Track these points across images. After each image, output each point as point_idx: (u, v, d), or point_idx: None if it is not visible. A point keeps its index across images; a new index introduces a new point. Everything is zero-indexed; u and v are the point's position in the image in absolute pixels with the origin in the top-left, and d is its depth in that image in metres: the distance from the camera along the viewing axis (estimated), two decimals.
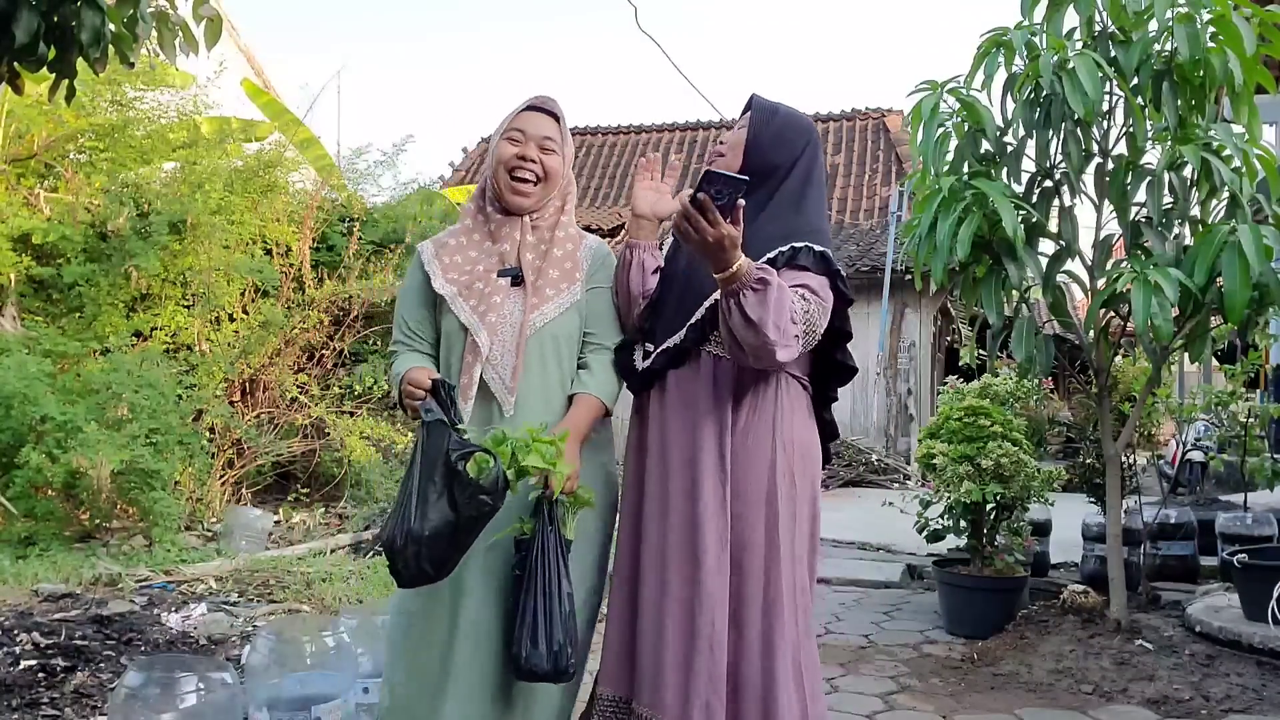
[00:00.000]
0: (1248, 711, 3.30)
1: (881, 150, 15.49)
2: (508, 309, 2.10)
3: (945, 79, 3.98)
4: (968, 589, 4.46)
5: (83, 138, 7.12)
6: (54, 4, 2.84)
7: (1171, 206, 3.88)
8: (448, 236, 2.23)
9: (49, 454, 5.12)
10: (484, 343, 2.06)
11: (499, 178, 2.15)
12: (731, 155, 2.22)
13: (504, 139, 2.16)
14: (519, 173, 2.14)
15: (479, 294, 2.11)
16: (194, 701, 2.38)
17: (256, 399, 6.90)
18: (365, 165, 8.81)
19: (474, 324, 2.08)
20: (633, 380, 2.21)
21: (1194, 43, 3.59)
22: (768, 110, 2.27)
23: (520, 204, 2.15)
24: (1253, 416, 5.39)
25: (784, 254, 2.07)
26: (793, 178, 2.24)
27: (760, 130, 2.23)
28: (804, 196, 2.22)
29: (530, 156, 2.13)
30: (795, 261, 2.09)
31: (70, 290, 6.52)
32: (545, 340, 2.11)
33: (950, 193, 3.75)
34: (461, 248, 2.18)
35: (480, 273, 2.13)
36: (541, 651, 1.88)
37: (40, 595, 4.32)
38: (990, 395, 4.85)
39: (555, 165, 2.17)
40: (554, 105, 2.20)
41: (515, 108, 2.19)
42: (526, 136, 2.15)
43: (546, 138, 2.16)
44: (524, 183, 2.14)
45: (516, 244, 2.15)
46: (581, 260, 2.19)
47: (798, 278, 2.07)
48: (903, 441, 12.12)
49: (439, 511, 1.81)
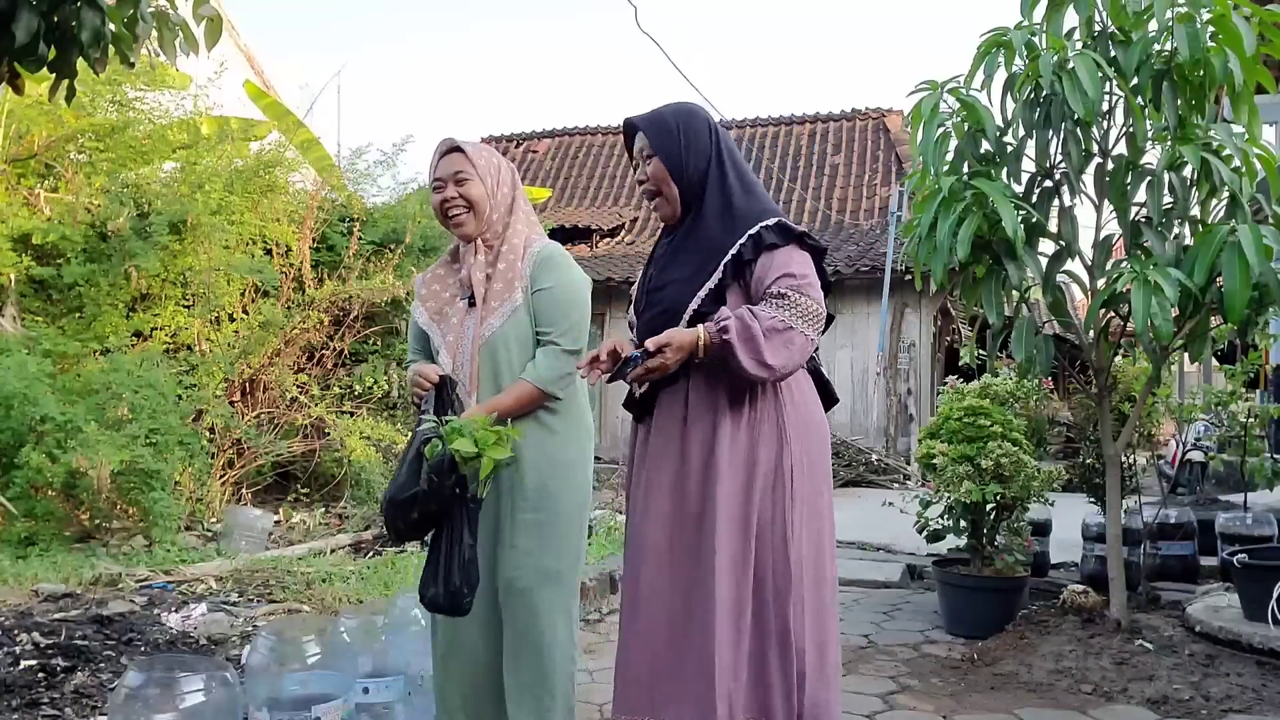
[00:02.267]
0: (1248, 711, 3.30)
1: (881, 150, 15.49)
2: (464, 327, 2.43)
3: (945, 79, 3.97)
4: (968, 589, 4.46)
5: (83, 138, 7.12)
6: (54, 4, 2.83)
7: (1171, 206, 3.88)
8: (430, 271, 2.60)
9: (49, 454, 5.12)
10: (445, 360, 2.42)
11: (441, 221, 2.48)
12: (666, 190, 2.26)
13: (433, 190, 2.47)
14: (450, 213, 2.44)
15: (445, 318, 2.48)
16: (194, 701, 2.37)
17: (256, 399, 6.90)
18: (365, 165, 8.81)
19: (439, 345, 2.46)
20: (635, 406, 2.34)
21: (1194, 43, 3.59)
22: (660, 127, 2.26)
23: (464, 233, 2.45)
24: (1253, 416, 5.38)
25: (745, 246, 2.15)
26: (720, 168, 2.26)
27: (669, 149, 2.24)
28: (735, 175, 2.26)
29: (449, 196, 2.42)
30: (763, 245, 2.15)
31: (70, 290, 6.52)
32: (496, 347, 2.39)
33: (950, 193, 3.75)
34: (439, 277, 2.56)
35: (447, 299, 2.51)
36: (440, 589, 2.21)
37: (40, 595, 4.32)
38: (990, 395, 4.85)
39: (475, 192, 2.42)
40: (454, 142, 2.45)
41: (432, 159, 2.48)
42: (444, 181, 2.43)
43: (457, 172, 2.42)
44: (456, 218, 2.43)
45: (468, 269, 2.45)
46: (522, 270, 2.42)
47: (774, 265, 2.13)
48: (903, 441, 12.12)
49: (411, 484, 2.19)
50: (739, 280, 2.16)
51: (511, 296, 2.40)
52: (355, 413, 7.02)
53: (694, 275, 2.17)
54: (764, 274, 2.13)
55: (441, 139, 2.48)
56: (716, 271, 2.15)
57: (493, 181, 2.46)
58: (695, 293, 2.15)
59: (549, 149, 17.48)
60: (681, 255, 2.24)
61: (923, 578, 5.60)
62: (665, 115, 2.28)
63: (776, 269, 2.12)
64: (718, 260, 2.15)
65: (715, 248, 2.17)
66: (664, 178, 2.24)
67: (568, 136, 17.65)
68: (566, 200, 15.98)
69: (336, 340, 7.23)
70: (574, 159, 17.06)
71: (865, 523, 7.38)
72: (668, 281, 2.22)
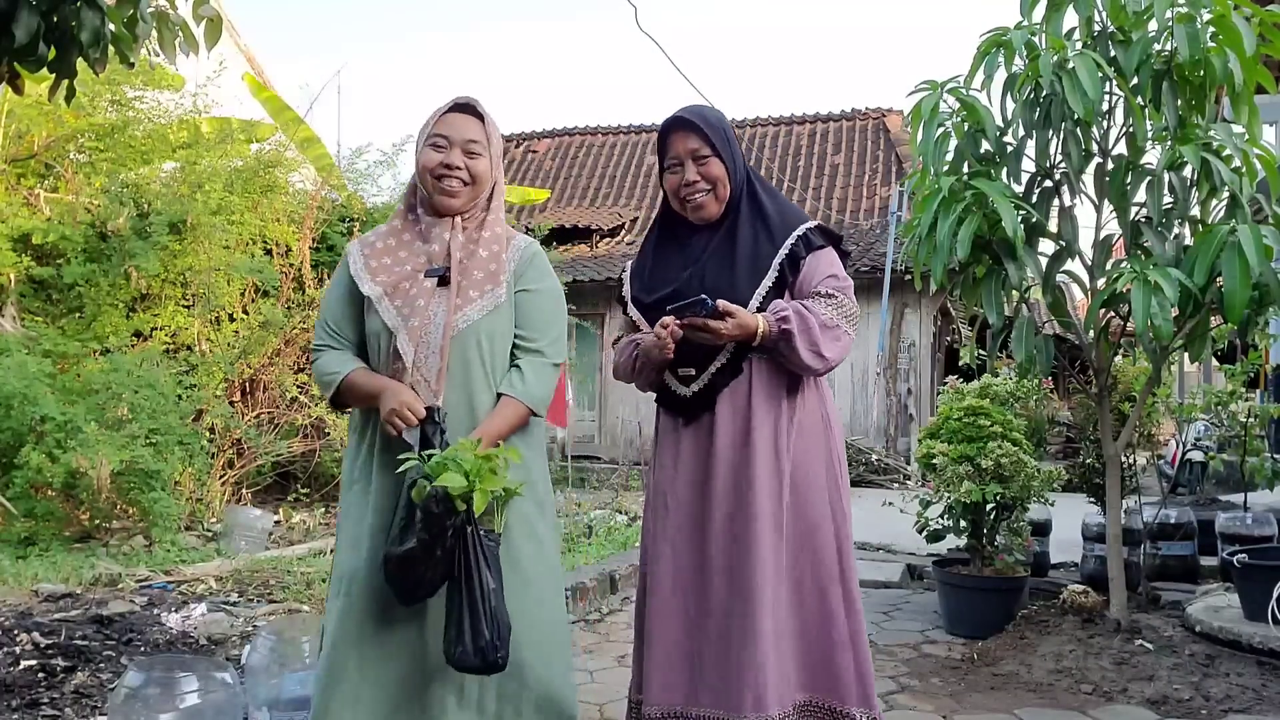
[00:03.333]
0: (1248, 711, 3.29)
1: (881, 150, 15.49)
2: (432, 310, 2.08)
3: (945, 79, 3.97)
4: (968, 589, 4.46)
5: (83, 138, 7.12)
6: (54, 4, 2.83)
7: (1171, 206, 3.88)
8: (375, 238, 2.21)
9: (49, 454, 5.12)
10: (405, 348, 2.05)
11: (426, 183, 2.14)
12: (721, 191, 2.33)
13: (428, 145, 2.13)
14: (445, 181, 2.12)
15: (404, 294, 2.10)
16: (194, 701, 2.38)
17: (256, 399, 6.90)
18: (365, 165, 8.82)
19: (397, 326, 2.07)
20: (684, 408, 2.31)
21: (1194, 43, 3.59)
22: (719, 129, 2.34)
23: (450, 205, 2.14)
24: (1253, 416, 5.38)
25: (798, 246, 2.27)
26: (750, 172, 2.39)
27: (727, 151, 2.33)
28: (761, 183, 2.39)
29: (455, 164, 2.11)
30: (812, 246, 2.29)
31: (70, 290, 6.53)
32: (469, 341, 2.09)
33: (950, 193, 3.75)
34: (390, 249, 2.16)
35: (408, 273, 2.12)
36: (468, 647, 1.91)
37: (40, 595, 4.32)
38: (990, 395, 4.84)
39: (482, 169, 2.15)
40: (478, 105, 2.17)
41: (438, 109, 2.16)
42: (451, 142, 2.12)
43: (471, 140, 2.13)
44: (453, 189, 2.13)
45: (446, 244, 2.13)
46: (507, 261, 2.17)
47: (820, 266, 2.28)
48: (903, 441, 12.12)
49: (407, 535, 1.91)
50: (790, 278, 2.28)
51: (495, 289, 2.13)
52: None
53: (748, 274, 2.26)
54: (812, 274, 2.27)
55: (464, 95, 2.17)
56: (772, 270, 2.26)
57: (496, 159, 2.21)
58: (753, 291, 2.24)
59: (549, 149, 17.48)
60: (725, 256, 2.31)
61: (923, 578, 5.60)
62: (718, 119, 2.36)
63: (823, 270, 2.28)
64: (768, 259, 2.26)
65: (760, 248, 2.28)
66: (723, 179, 2.32)
67: (568, 136, 17.65)
68: (566, 200, 15.98)
69: None
70: (574, 159, 17.06)
71: (865, 523, 7.36)
72: (720, 282, 2.26)
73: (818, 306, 2.20)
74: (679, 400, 2.32)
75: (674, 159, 2.35)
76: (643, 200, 15.60)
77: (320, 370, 2.16)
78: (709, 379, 2.27)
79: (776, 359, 2.21)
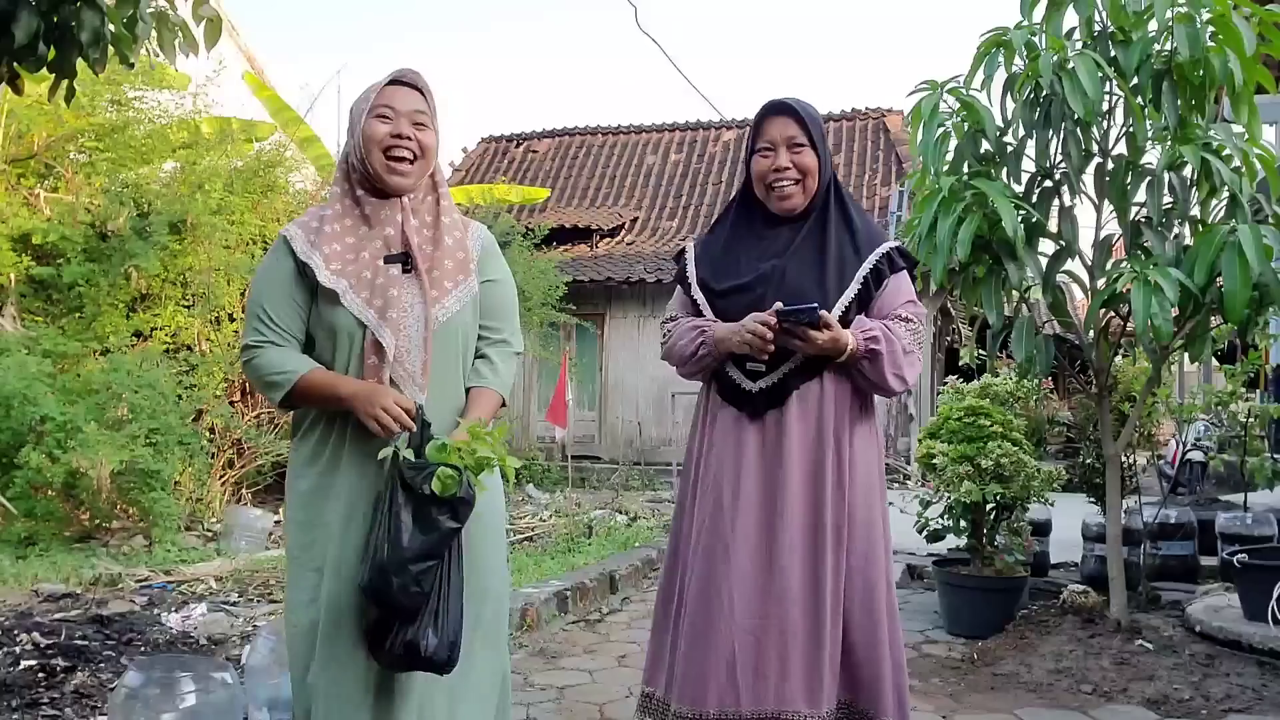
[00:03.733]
0: (1248, 711, 3.29)
1: (881, 150, 15.48)
2: (406, 301, 1.97)
3: (945, 79, 3.97)
4: (968, 589, 4.46)
5: (83, 138, 7.12)
6: (54, 4, 2.84)
7: (1171, 206, 3.88)
8: (318, 223, 2.01)
9: (49, 454, 5.12)
10: (389, 342, 1.94)
11: (373, 159, 1.98)
12: (809, 183, 2.31)
13: (373, 117, 1.99)
14: (395, 151, 1.98)
15: (371, 286, 1.96)
16: (194, 701, 2.38)
17: (256, 399, 6.90)
18: None
19: (374, 322, 1.94)
20: (750, 402, 2.27)
21: (1194, 42, 3.59)
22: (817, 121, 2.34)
23: (400, 184, 2.00)
24: (1253, 416, 5.39)
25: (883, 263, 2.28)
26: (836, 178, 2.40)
27: (823, 147, 2.33)
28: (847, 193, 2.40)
29: (405, 134, 1.99)
30: (896, 266, 2.30)
31: (70, 290, 6.53)
32: (447, 335, 2.01)
33: (950, 193, 3.75)
34: (338, 234, 1.99)
35: (366, 261, 1.97)
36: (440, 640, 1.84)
37: (40, 595, 4.32)
38: (990, 395, 4.85)
39: (430, 141, 2.03)
40: (420, 79, 2.07)
41: (378, 82, 2.05)
42: (397, 113, 2.00)
43: (418, 111, 2.02)
44: (401, 161, 1.99)
45: (399, 227, 2.01)
46: (473, 250, 2.09)
47: (902, 289, 2.30)
48: (903, 441, 12.12)
49: (414, 537, 1.79)
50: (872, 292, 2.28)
51: (467, 281, 2.04)
52: None
53: (834, 280, 2.26)
54: (895, 296, 2.28)
55: (404, 68, 2.05)
56: (856, 281, 2.26)
57: (440, 136, 2.09)
58: (837, 298, 2.24)
59: (549, 149, 17.47)
60: (810, 257, 2.29)
61: (923, 578, 5.59)
62: (816, 113, 2.35)
63: (904, 293, 2.30)
64: (853, 269, 2.27)
65: (845, 256, 2.28)
66: (814, 172, 2.31)
67: (568, 136, 17.64)
68: (566, 200, 15.97)
69: None
70: (574, 159, 17.05)
71: None
72: (803, 283, 2.25)
73: (900, 330, 2.23)
74: (743, 394, 2.28)
75: (768, 144, 2.31)
76: (642, 200, 15.60)
77: (263, 369, 1.96)
78: (780, 377, 2.24)
79: (852, 375, 2.24)
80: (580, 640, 4.21)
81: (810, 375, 2.24)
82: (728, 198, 15.44)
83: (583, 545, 6.08)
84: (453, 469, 1.81)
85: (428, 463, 1.82)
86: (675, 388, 12.33)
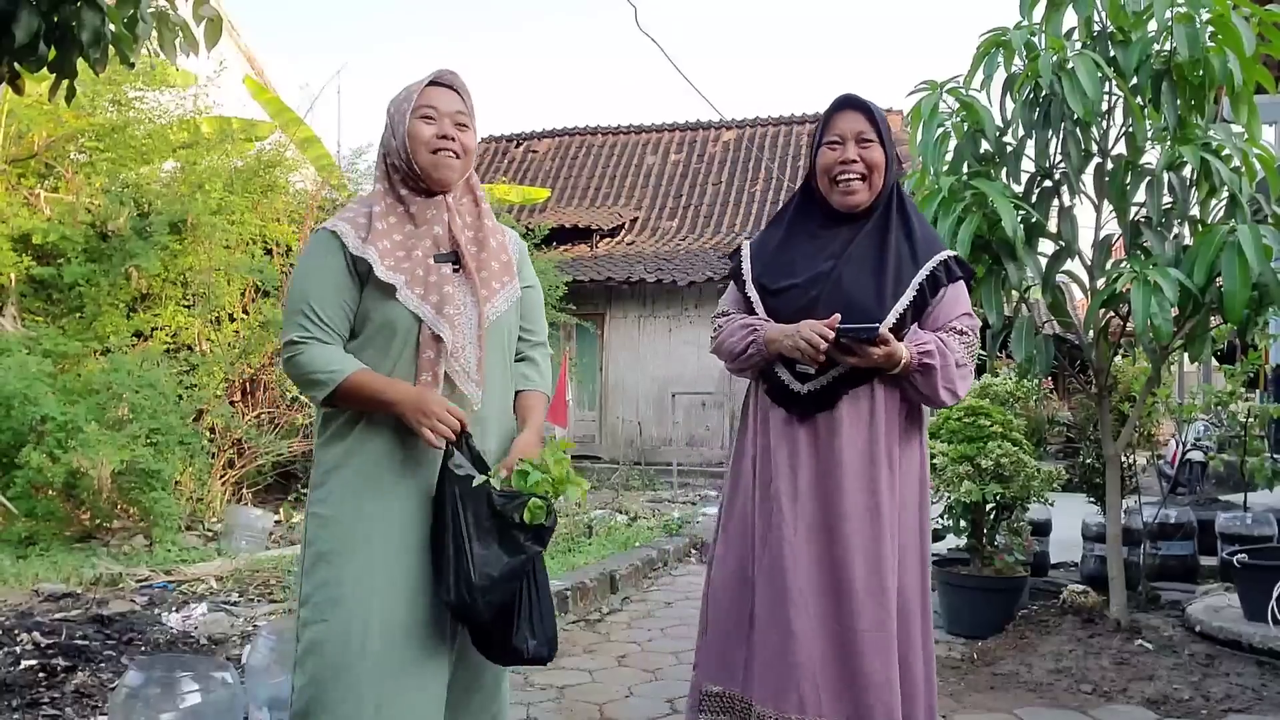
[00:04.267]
0: (1248, 711, 3.30)
1: None
2: (459, 299, 1.99)
3: (945, 79, 3.98)
4: (968, 589, 4.46)
5: (83, 138, 7.12)
6: (54, 4, 2.84)
7: (1171, 206, 3.88)
8: (363, 218, 2.02)
9: (49, 454, 5.12)
10: (448, 337, 1.95)
11: (420, 158, 2.00)
12: (874, 179, 2.29)
13: (418, 118, 2.01)
14: (442, 152, 2.01)
15: (425, 283, 1.97)
16: (194, 701, 2.38)
17: (257, 399, 6.91)
18: (365, 165, 8.83)
19: (432, 317, 1.95)
20: (798, 403, 2.26)
21: (1193, 42, 3.59)
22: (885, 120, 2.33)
23: (447, 180, 2.02)
24: (1252, 416, 5.39)
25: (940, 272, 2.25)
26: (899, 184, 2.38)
27: (891, 145, 2.32)
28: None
29: (449, 134, 2.02)
30: (954, 275, 2.28)
31: (70, 290, 6.53)
32: (496, 334, 2.05)
33: (950, 193, 3.75)
34: (387, 232, 2.00)
35: (419, 259, 1.99)
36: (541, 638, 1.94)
37: (40, 595, 4.32)
38: (990, 395, 4.85)
39: (470, 142, 2.06)
40: (459, 81, 2.10)
41: (418, 83, 2.07)
42: (440, 113, 2.02)
43: (459, 113, 2.05)
44: (449, 162, 2.02)
45: (445, 226, 2.03)
46: (513, 254, 2.13)
47: (959, 299, 2.28)
48: None
49: (501, 560, 1.85)
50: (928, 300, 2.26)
51: (512, 283, 2.09)
52: None
53: (891, 285, 2.23)
54: (952, 306, 2.26)
55: (444, 70, 2.08)
56: (912, 288, 2.23)
57: (476, 136, 2.13)
58: (893, 304, 2.21)
59: (549, 149, 17.48)
60: (868, 260, 2.27)
61: None
62: (884, 113, 2.35)
63: (961, 305, 2.28)
64: (910, 275, 2.24)
65: (902, 261, 2.25)
66: (880, 168, 2.28)
67: (568, 136, 17.64)
68: (566, 200, 15.98)
69: None
70: (574, 159, 17.06)
71: None
72: (858, 286, 2.24)
73: (954, 343, 2.21)
74: (791, 394, 2.27)
75: (836, 136, 2.29)
76: (642, 200, 15.61)
77: (307, 366, 1.93)
78: (829, 380, 2.23)
79: (903, 385, 2.23)
80: (580, 640, 4.22)
81: (860, 381, 2.22)
82: (728, 198, 15.48)
83: (583, 545, 6.08)
84: (540, 498, 1.86)
85: (519, 493, 1.87)
86: (675, 388, 12.34)
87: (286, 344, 1.97)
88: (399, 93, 2.08)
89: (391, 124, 2.05)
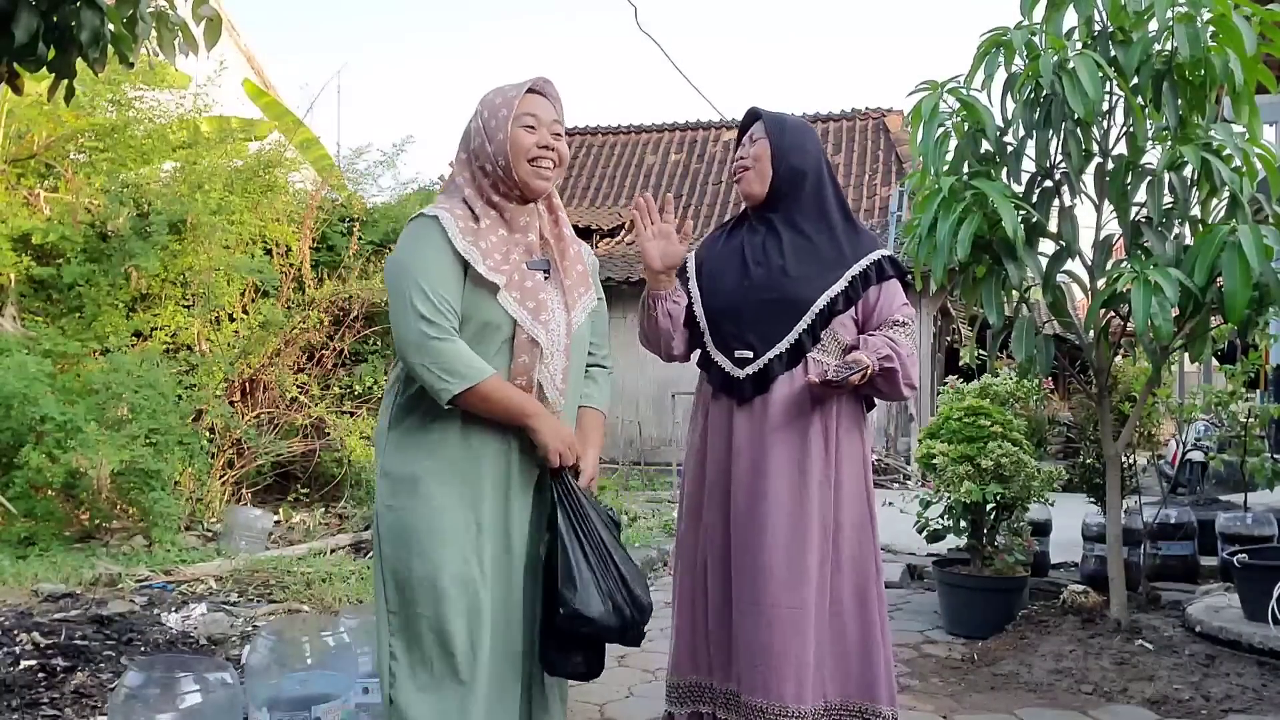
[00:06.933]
0: (1248, 711, 3.29)
1: (881, 150, 15.48)
2: (551, 306, 2.00)
3: (945, 79, 3.97)
4: (968, 589, 4.46)
5: (83, 138, 7.12)
6: (54, 4, 2.83)
7: (1171, 206, 3.88)
8: (464, 215, 1.99)
9: (49, 454, 5.12)
10: (544, 340, 1.96)
11: (520, 168, 2.00)
12: (758, 166, 2.42)
13: (520, 127, 2.01)
14: (541, 162, 2.02)
15: (521, 287, 1.96)
16: (194, 701, 2.38)
17: (256, 399, 6.90)
18: (365, 165, 8.82)
19: (529, 321, 1.95)
20: (737, 388, 2.35)
21: (1194, 42, 3.58)
22: (778, 120, 2.46)
23: (545, 190, 2.05)
24: (1253, 416, 5.38)
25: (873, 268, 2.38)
26: (819, 180, 2.45)
27: (778, 140, 2.42)
28: (835, 197, 2.46)
29: (549, 144, 2.03)
30: (887, 273, 2.39)
31: (70, 290, 6.53)
32: (577, 343, 2.07)
33: (950, 193, 3.75)
34: (484, 232, 1.98)
35: (515, 263, 1.98)
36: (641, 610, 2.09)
37: (40, 595, 4.32)
38: (990, 395, 4.84)
39: (565, 151, 2.09)
40: (554, 89, 2.11)
41: (516, 89, 2.06)
42: (540, 122, 2.03)
43: (556, 121, 2.07)
44: (547, 171, 2.03)
45: (538, 233, 2.05)
46: (588, 266, 2.16)
47: (896, 295, 2.40)
48: (903, 441, 12.11)
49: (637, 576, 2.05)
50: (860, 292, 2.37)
51: (589, 294, 2.11)
52: (355, 413, 7.02)
53: (821, 276, 2.34)
54: (890, 302, 2.38)
55: (540, 77, 2.08)
56: (842, 281, 2.34)
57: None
58: (821, 292, 2.33)
59: None
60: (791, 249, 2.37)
61: (923, 578, 5.59)
62: (786, 116, 2.49)
63: (900, 300, 2.40)
64: (841, 270, 2.35)
65: (832, 256, 2.37)
66: (762, 156, 2.40)
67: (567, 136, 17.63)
68: (566, 200, 15.97)
69: (336, 340, 7.23)
70: (574, 159, 17.06)
71: None
72: (786, 272, 2.34)
73: (900, 337, 2.33)
74: (732, 381, 2.36)
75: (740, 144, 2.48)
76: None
77: (452, 358, 1.87)
78: (765, 363, 2.32)
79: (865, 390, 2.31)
80: None
81: (794, 361, 2.31)
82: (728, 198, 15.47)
83: None
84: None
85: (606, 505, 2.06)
86: (675, 388, 12.33)
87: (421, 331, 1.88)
88: (491, 96, 2.06)
89: (486, 130, 2.03)
